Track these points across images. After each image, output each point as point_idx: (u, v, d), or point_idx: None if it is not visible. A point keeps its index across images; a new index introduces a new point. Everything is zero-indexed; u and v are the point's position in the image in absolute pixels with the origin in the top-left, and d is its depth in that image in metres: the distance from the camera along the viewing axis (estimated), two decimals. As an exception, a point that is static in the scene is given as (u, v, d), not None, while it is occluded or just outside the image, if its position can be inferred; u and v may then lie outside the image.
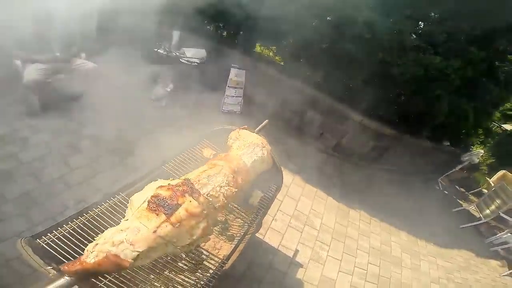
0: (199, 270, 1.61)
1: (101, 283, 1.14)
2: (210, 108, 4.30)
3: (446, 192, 6.06)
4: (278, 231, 3.08)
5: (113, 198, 1.46)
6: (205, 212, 1.29)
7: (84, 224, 1.31)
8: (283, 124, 4.68)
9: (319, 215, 3.59)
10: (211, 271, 1.58)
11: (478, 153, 5.87)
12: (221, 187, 1.42)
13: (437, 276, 3.75)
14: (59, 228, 1.25)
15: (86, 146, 2.99)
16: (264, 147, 1.79)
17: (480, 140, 7.18)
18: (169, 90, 3.79)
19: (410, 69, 3.92)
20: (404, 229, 4.21)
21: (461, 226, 5.15)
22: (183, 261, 1.57)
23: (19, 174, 2.52)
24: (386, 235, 3.91)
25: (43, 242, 1.18)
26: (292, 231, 3.19)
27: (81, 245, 1.21)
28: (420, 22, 4.20)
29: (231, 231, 2.06)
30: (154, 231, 1.14)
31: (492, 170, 6.59)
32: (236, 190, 1.48)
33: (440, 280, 3.72)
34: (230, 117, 4.32)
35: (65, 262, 1.12)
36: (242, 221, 2.01)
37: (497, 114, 8.05)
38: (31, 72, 2.99)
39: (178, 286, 1.43)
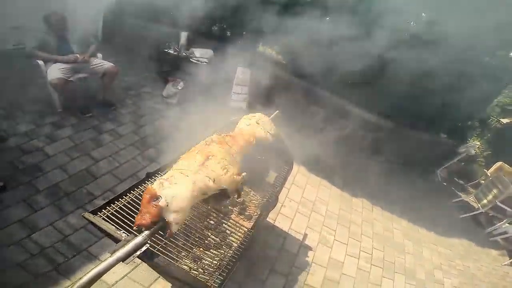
0: (224, 246, 1.82)
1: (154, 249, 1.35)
2: (218, 105, 4.53)
3: (445, 184, 6.29)
4: (287, 217, 3.31)
5: (154, 177, 1.68)
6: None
7: (132, 199, 1.51)
8: (286, 118, 4.90)
9: (324, 202, 3.82)
10: (234, 246, 1.78)
11: (474, 145, 6.13)
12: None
13: (439, 263, 3.95)
14: (111, 205, 1.44)
15: (107, 140, 3.22)
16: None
17: (477, 132, 7.44)
18: (180, 88, 4.02)
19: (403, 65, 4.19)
20: (404, 217, 4.43)
21: (460, 216, 5.35)
22: (210, 238, 1.78)
23: (47, 167, 2.74)
24: (388, 222, 4.14)
25: (103, 215, 1.37)
26: (300, 216, 3.41)
27: (131, 218, 1.39)
28: (412, 22, 4.46)
29: (248, 211, 2.28)
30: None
31: (489, 162, 6.81)
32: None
33: (443, 267, 3.90)
34: (237, 113, 4.54)
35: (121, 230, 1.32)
36: (257, 202, 2.24)
37: (496, 109, 8.35)
38: (54, 72, 3.20)
39: (208, 259, 1.61)
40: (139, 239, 1.16)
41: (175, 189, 1.34)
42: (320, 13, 4.16)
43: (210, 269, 1.56)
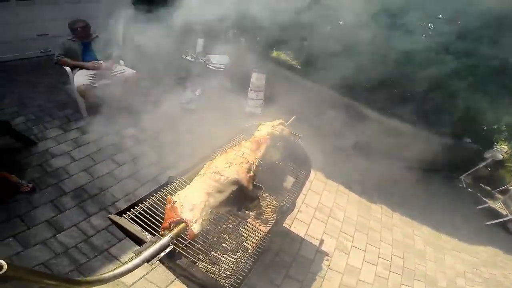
0: (240, 251, 1.85)
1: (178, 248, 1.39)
2: (234, 110, 4.60)
3: (470, 190, 6.04)
4: (304, 222, 3.30)
5: (175, 181, 1.73)
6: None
7: (155, 202, 1.57)
8: (302, 123, 4.90)
9: (342, 208, 3.78)
10: (250, 250, 1.80)
11: (501, 149, 5.85)
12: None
13: (463, 271, 3.80)
14: (135, 207, 1.50)
15: (129, 145, 3.34)
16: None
17: (504, 136, 7.10)
18: (197, 94, 4.11)
19: (423, 68, 4.09)
20: (426, 224, 4.30)
21: (486, 223, 5.13)
22: (227, 242, 1.81)
23: (73, 170, 2.89)
24: (408, 229, 4.03)
25: (127, 217, 1.43)
26: (317, 222, 3.39)
27: (153, 220, 1.44)
28: (429, 24, 4.35)
29: (265, 215, 2.31)
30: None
31: (519, 167, 6.49)
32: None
33: (466, 275, 3.76)
34: (253, 118, 4.59)
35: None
36: (274, 207, 2.26)
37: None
38: (80, 78, 3.37)
39: (224, 263, 1.64)
40: (163, 240, 1.21)
41: (186, 191, 1.42)
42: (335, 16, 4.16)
43: (227, 272, 1.59)
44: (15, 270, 0.54)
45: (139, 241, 1.47)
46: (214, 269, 1.60)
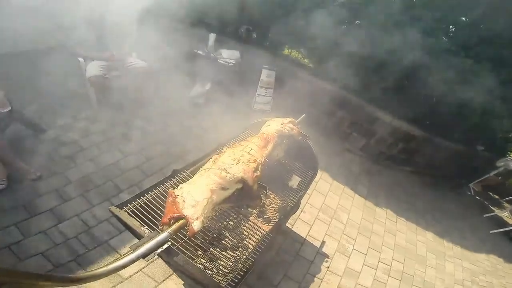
0: (240, 248, 1.84)
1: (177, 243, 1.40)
2: (243, 106, 4.60)
3: (478, 198, 5.92)
4: (306, 223, 3.28)
5: (180, 175, 1.73)
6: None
7: (157, 195, 1.56)
8: (312, 123, 4.86)
9: (346, 210, 3.75)
10: (250, 249, 1.79)
11: (514, 159, 5.69)
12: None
13: (461, 278, 3.75)
14: (137, 200, 1.50)
15: (137, 136, 3.37)
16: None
17: (518, 146, 6.90)
18: (207, 88, 4.11)
19: (441, 71, 3.97)
20: (430, 230, 4.24)
21: (491, 231, 5.03)
22: (227, 239, 1.80)
23: (80, 159, 2.93)
24: (412, 234, 3.98)
25: (128, 210, 1.43)
26: (320, 223, 3.37)
27: (154, 214, 1.45)
28: (451, 26, 4.22)
29: (267, 214, 2.29)
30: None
31: (531, 177, 6.31)
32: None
33: (464, 282, 3.71)
34: (261, 115, 4.57)
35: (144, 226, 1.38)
36: (277, 206, 2.24)
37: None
38: (93, 69, 3.39)
39: (223, 260, 1.62)
40: (161, 236, 1.19)
41: (190, 186, 1.41)
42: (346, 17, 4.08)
43: (225, 270, 1.58)
44: (8, 275, 0.54)
45: (137, 235, 1.48)
46: (211, 266, 1.60)
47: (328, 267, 2.98)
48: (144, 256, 1.12)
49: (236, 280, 1.50)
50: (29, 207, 2.32)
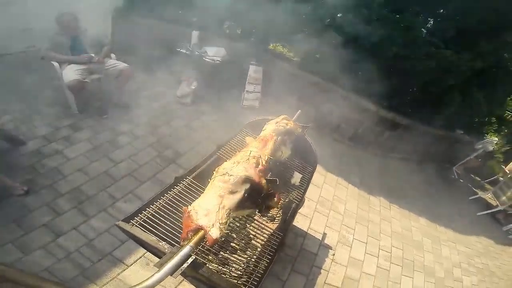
0: (249, 249, 1.85)
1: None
2: (231, 104, 4.58)
3: (462, 181, 6.27)
4: (306, 216, 3.34)
5: (183, 181, 1.70)
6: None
7: (163, 205, 1.50)
8: (301, 116, 4.93)
9: (342, 201, 3.85)
10: (259, 248, 1.80)
11: (492, 141, 6.07)
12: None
13: (458, 261, 3.97)
14: (143, 212, 1.43)
15: (125, 142, 3.28)
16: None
17: (494, 128, 7.37)
18: (193, 87, 4.06)
19: (422, 62, 4.18)
20: (423, 215, 4.45)
21: (478, 214, 5.34)
22: (235, 241, 1.80)
23: (67, 170, 2.80)
24: (406, 221, 4.15)
25: (135, 223, 1.37)
26: (319, 215, 3.45)
27: (166, 226, 1.39)
28: (429, 19, 4.44)
29: (271, 212, 2.31)
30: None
31: (508, 158, 6.75)
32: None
33: (462, 265, 3.93)
34: (250, 111, 4.58)
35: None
36: (280, 203, 2.25)
37: (511, 103, 8.28)
38: (70, 73, 3.24)
39: (234, 265, 1.60)
40: (184, 250, 1.16)
41: (200, 199, 1.42)
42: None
43: (238, 272, 1.58)
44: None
45: (149, 248, 1.44)
46: (224, 269, 1.59)
47: (333, 258, 3.06)
48: (171, 273, 1.10)
49: (255, 283, 1.51)
50: (21, 223, 2.21)
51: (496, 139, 6.47)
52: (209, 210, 1.36)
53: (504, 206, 5.12)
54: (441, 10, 4.43)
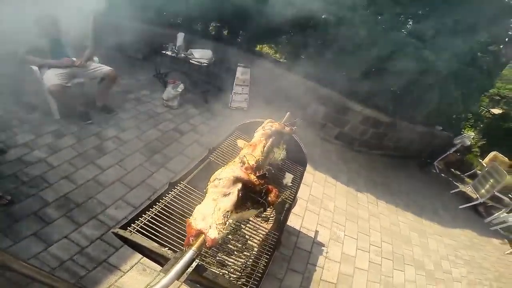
0: (245, 250, 1.88)
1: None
2: (220, 106, 4.61)
3: (443, 175, 6.57)
4: (298, 215, 3.41)
5: (177, 187, 1.70)
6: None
7: (159, 211, 1.49)
8: (290, 117, 5.03)
9: (331, 198, 3.96)
10: (255, 249, 1.83)
11: (469, 135, 6.42)
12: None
13: (446, 254, 4.14)
14: (139, 218, 1.42)
15: (111, 147, 3.23)
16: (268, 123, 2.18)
17: (471, 124, 7.80)
18: (180, 90, 4.05)
19: (403, 62, 4.38)
20: (408, 210, 4.63)
21: (460, 207, 5.60)
22: (231, 243, 1.82)
23: (53, 178, 2.72)
24: (393, 216, 4.31)
25: (133, 230, 1.35)
26: (310, 214, 3.53)
27: (161, 231, 1.38)
28: (409, 20, 4.66)
29: (265, 213, 2.35)
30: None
31: (484, 152, 7.15)
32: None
33: (449, 257, 4.11)
34: (239, 113, 4.62)
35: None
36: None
37: (485, 100, 8.82)
38: (51, 77, 3.16)
39: (233, 266, 1.62)
40: (188, 254, 1.20)
41: (197, 207, 1.46)
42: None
43: (237, 273, 1.61)
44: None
45: (148, 254, 1.45)
46: (224, 271, 1.62)
47: (326, 255, 3.14)
48: (177, 277, 1.13)
49: (256, 282, 1.54)
50: (9, 233, 2.14)
51: (473, 134, 6.85)
52: (205, 214, 1.41)
53: (483, 199, 5.38)
54: (419, 12, 4.65)
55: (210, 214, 1.41)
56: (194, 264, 1.22)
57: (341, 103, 4.94)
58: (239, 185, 1.62)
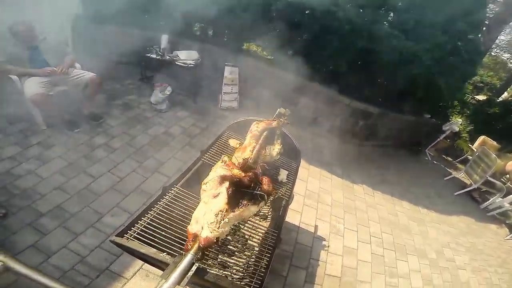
0: (246, 250, 1.89)
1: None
2: (210, 106, 4.62)
3: (435, 162, 6.75)
4: (296, 211, 3.46)
5: (171, 191, 1.69)
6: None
7: (155, 216, 1.49)
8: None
9: (328, 192, 4.02)
10: (256, 248, 1.85)
11: (457, 122, 6.64)
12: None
13: (446, 242, 4.25)
14: (135, 224, 1.42)
15: (102, 155, 3.20)
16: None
17: (457, 110, 8.06)
18: (168, 93, 4.04)
19: (387, 54, 4.50)
20: (405, 199, 4.74)
21: (455, 193, 5.74)
22: (232, 243, 1.84)
23: (44, 189, 2.69)
24: (390, 206, 4.41)
25: (130, 237, 1.35)
26: (308, 209, 3.58)
27: (159, 236, 1.39)
28: (389, 12, 4.79)
29: (262, 211, 2.36)
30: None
31: (473, 137, 7.38)
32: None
33: (450, 245, 4.21)
34: (229, 113, 4.65)
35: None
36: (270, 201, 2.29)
37: (469, 87, 9.13)
38: (32, 87, 3.10)
39: (234, 267, 1.60)
40: (187, 258, 1.23)
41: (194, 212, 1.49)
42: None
43: (240, 273, 1.62)
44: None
45: (148, 260, 1.45)
46: (226, 272, 1.63)
47: (328, 249, 3.19)
48: (178, 282, 1.15)
49: (259, 282, 1.57)
50: (7, 246, 2.13)
51: (460, 120, 7.07)
52: (198, 218, 1.44)
53: (477, 184, 5.50)
54: (399, 4, 4.78)
55: (202, 216, 1.44)
56: (194, 268, 1.24)
57: (330, 96, 5.03)
58: (226, 183, 1.64)
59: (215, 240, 1.33)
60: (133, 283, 2.14)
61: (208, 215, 1.44)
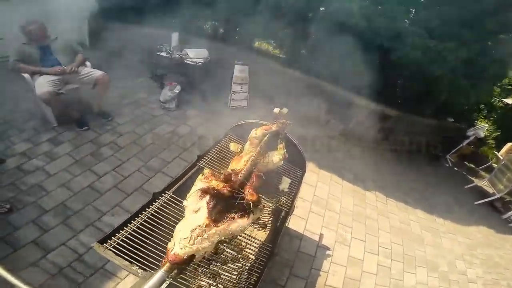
0: (241, 259, 1.85)
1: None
2: (219, 106, 4.62)
3: (456, 169, 6.44)
4: (301, 217, 3.39)
5: (161, 197, 1.66)
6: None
7: (141, 224, 1.48)
8: (290, 113, 5.00)
9: (337, 199, 3.92)
10: (251, 258, 1.80)
11: (483, 127, 6.27)
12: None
13: (461, 253, 4.05)
14: (120, 231, 1.41)
15: (108, 153, 3.27)
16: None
17: (484, 114, 7.62)
18: (177, 91, 4.06)
19: (408, 53, 4.30)
20: (419, 208, 4.55)
21: (475, 203, 5.45)
22: (226, 252, 1.80)
23: (50, 186, 2.79)
24: (403, 214, 4.25)
25: (109, 246, 1.33)
26: (314, 216, 3.50)
27: (144, 245, 1.38)
28: (411, 8, 4.56)
29: (262, 219, 2.30)
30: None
31: (499, 143, 6.96)
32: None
33: (464, 257, 4.01)
34: (239, 112, 4.62)
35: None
36: (270, 209, 2.23)
37: (497, 90, 8.64)
38: (42, 85, 3.20)
39: (226, 274, 1.57)
40: (157, 275, 1.20)
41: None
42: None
43: (230, 284, 1.58)
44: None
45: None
46: (215, 282, 1.59)
47: (331, 259, 3.11)
48: None
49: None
50: (9, 241, 2.24)
51: (487, 125, 6.69)
52: (175, 233, 1.39)
53: (501, 194, 5.20)
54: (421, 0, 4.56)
55: (178, 231, 1.39)
56: (164, 286, 1.24)
57: (345, 97, 4.89)
58: (206, 197, 1.59)
59: (185, 257, 1.28)
60: (126, 283, 2.19)
61: (183, 231, 1.40)
